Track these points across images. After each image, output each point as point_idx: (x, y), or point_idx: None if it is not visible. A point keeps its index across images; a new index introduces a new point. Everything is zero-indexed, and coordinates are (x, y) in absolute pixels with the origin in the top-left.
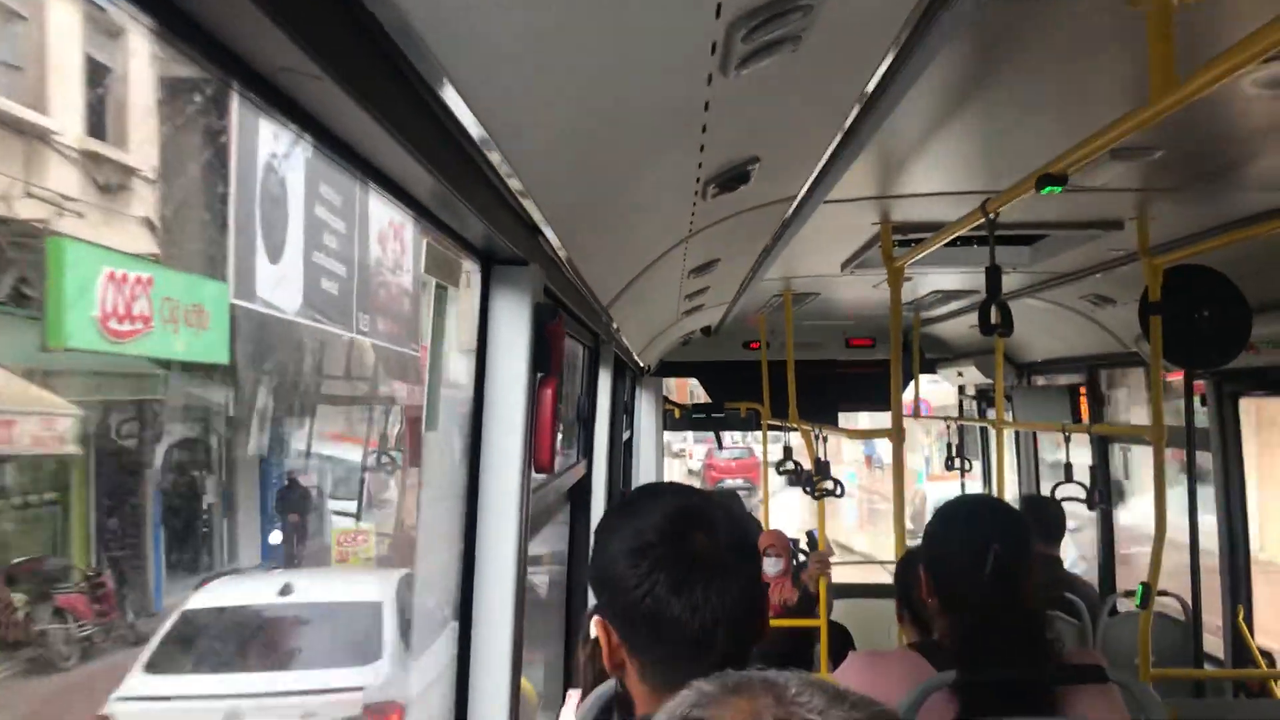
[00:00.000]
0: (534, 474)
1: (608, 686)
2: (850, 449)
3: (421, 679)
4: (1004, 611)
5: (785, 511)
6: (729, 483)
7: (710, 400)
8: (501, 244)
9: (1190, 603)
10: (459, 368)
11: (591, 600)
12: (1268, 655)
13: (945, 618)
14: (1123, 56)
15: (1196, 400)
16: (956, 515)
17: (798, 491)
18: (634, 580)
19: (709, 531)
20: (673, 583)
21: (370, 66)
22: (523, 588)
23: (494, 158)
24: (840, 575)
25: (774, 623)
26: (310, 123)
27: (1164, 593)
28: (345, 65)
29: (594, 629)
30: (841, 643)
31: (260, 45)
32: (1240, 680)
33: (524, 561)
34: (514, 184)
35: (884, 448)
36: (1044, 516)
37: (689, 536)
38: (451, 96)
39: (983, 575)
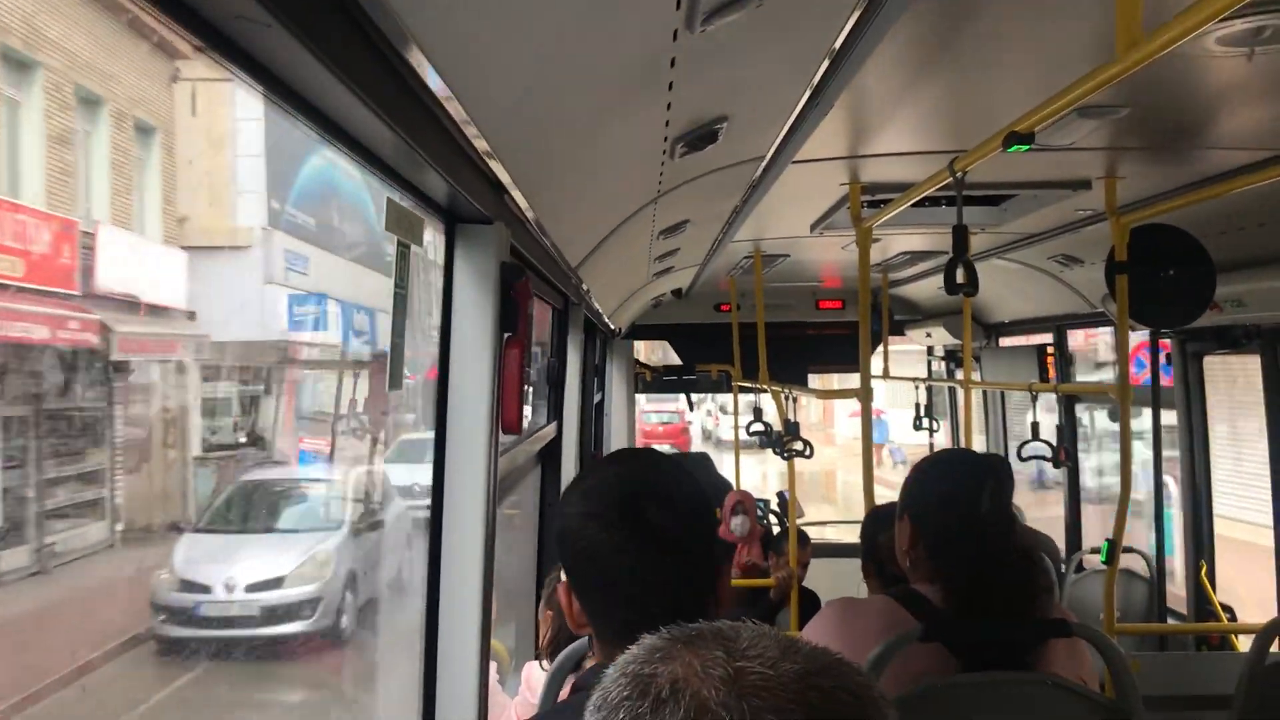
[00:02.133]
0: (502, 435)
1: (582, 644)
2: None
3: None
4: (1000, 557)
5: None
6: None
7: (681, 362)
8: (465, 202)
9: (1154, 558)
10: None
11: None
12: (1229, 609)
13: (930, 566)
14: (1090, 14)
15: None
16: (942, 462)
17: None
18: (588, 548)
19: (663, 502)
20: (625, 552)
21: (328, 18)
22: (491, 549)
23: (457, 114)
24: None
25: (740, 583)
26: (264, 74)
27: (1129, 549)
28: (301, 15)
29: (560, 592)
30: (810, 608)
31: None
32: (1202, 634)
33: (493, 522)
34: (478, 142)
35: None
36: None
37: (641, 506)
38: (412, 51)
39: (976, 520)
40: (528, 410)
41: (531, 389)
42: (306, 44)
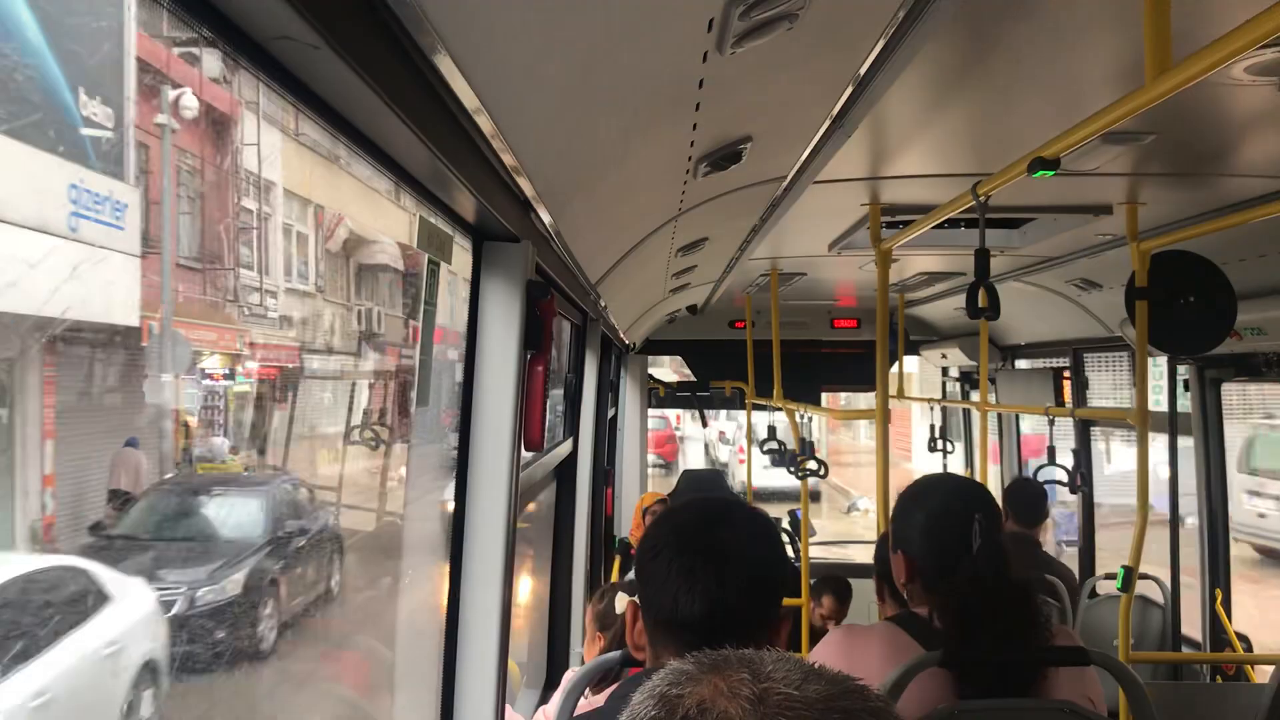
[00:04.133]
0: (523, 451)
1: (613, 656)
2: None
3: None
4: (996, 585)
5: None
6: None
7: (695, 378)
8: (494, 220)
9: (1170, 586)
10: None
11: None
12: (1244, 639)
13: (929, 597)
14: (1117, 40)
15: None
16: (929, 493)
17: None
18: (655, 584)
19: (731, 556)
20: (687, 596)
21: (367, 37)
22: (511, 565)
23: (489, 132)
24: (821, 554)
25: None
26: (305, 92)
27: (1144, 576)
28: (343, 35)
29: (619, 603)
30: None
31: (257, 12)
32: (1217, 663)
33: (512, 540)
34: (508, 159)
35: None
36: (1025, 498)
37: (709, 558)
38: (448, 69)
39: (970, 549)
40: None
41: (550, 404)
42: (348, 60)
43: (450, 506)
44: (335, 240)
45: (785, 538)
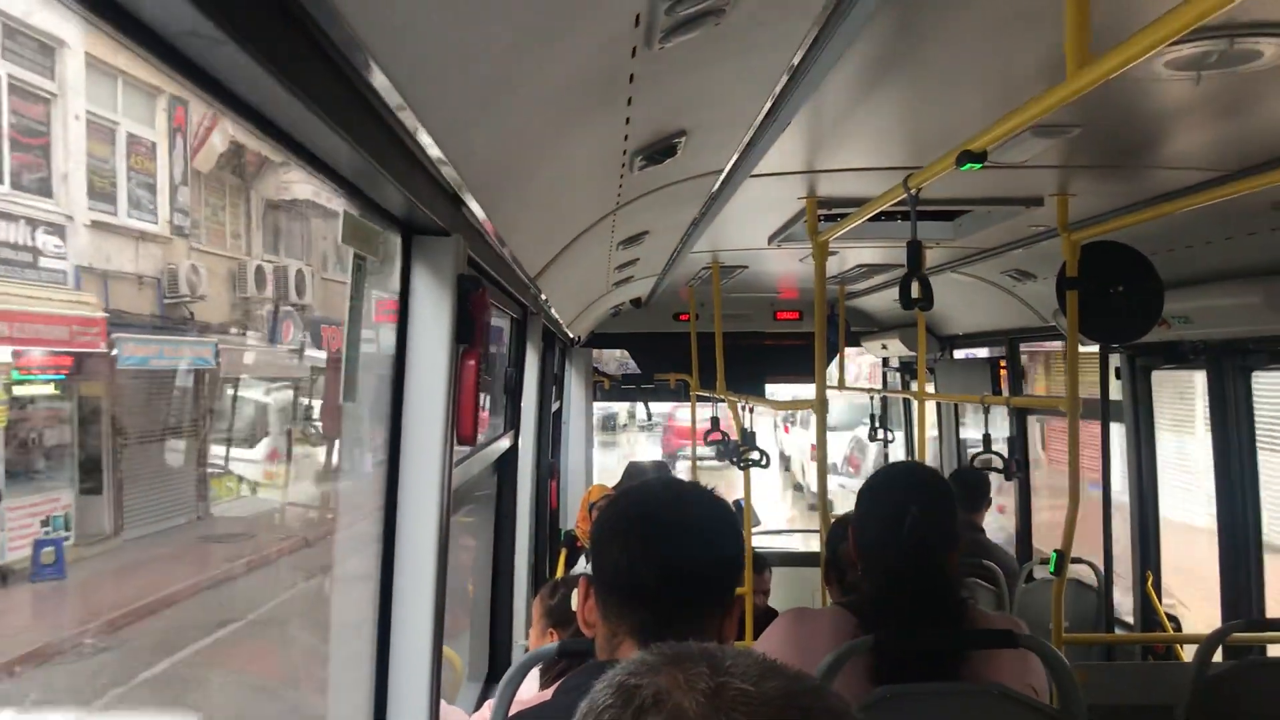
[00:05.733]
0: (457, 446)
1: (550, 647)
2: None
3: None
4: (916, 574)
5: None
6: None
7: (640, 371)
8: (422, 214)
9: (1102, 569)
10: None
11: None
12: (1174, 619)
13: (863, 574)
14: (1043, 34)
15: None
16: (883, 480)
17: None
18: (605, 561)
19: (680, 531)
20: (635, 572)
21: (279, 31)
22: (444, 561)
23: (412, 126)
24: (765, 543)
25: None
26: (217, 88)
27: (1078, 560)
28: (251, 30)
29: (580, 585)
30: (766, 621)
31: (162, 8)
32: (1148, 643)
33: (446, 534)
34: (434, 153)
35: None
36: (969, 484)
37: (658, 533)
38: (366, 62)
39: (899, 538)
40: (485, 416)
41: (489, 398)
42: (257, 58)
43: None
44: (209, 156)
45: None
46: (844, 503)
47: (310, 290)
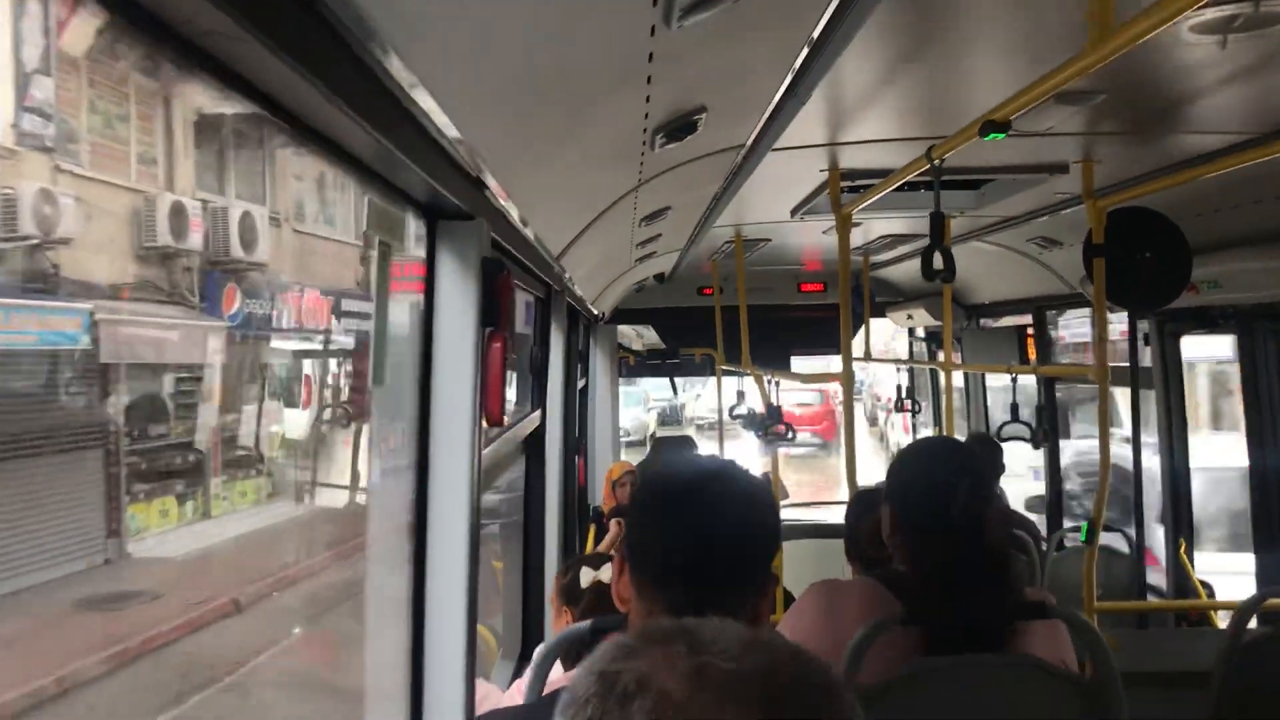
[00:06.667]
0: (485, 426)
1: (582, 626)
2: None
3: None
4: (971, 549)
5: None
6: None
7: (665, 346)
8: (446, 199)
9: (1134, 537)
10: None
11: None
12: (1207, 586)
13: (906, 552)
14: (1066, 1)
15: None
16: (925, 454)
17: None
18: (640, 535)
19: (714, 505)
20: (670, 549)
21: (298, 25)
22: (476, 540)
23: (433, 112)
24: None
25: None
26: (241, 84)
27: (1109, 527)
28: (271, 26)
29: (584, 577)
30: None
31: (183, 10)
32: (1181, 611)
33: (477, 514)
34: (455, 138)
35: None
36: (987, 452)
37: (691, 507)
38: (384, 48)
39: (951, 512)
40: (511, 395)
41: (515, 377)
42: (272, 48)
43: None
44: (82, 35)
45: None
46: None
47: (268, 243)
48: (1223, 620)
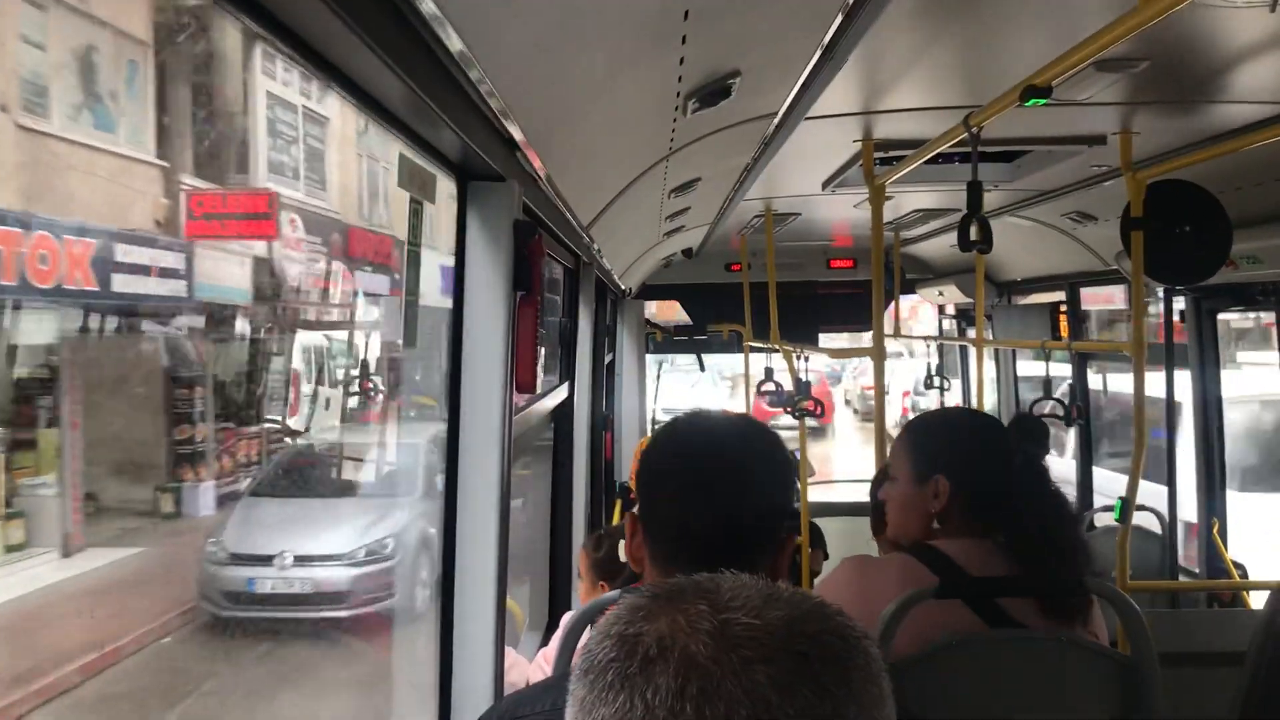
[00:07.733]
0: (516, 395)
1: (611, 596)
2: None
3: None
4: (1058, 515)
5: None
6: None
7: (692, 322)
8: (478, 160)
9: (1167, 516)
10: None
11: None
12: (1240, 566)
13: (975, 524)
14: None
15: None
16: (977, 425)
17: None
18: (654, 498)
19: (729, 468)
20: (684, 510)
21: None
22: (506, 508)
23: (471, 71)
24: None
25: None
26: (281, 30)
27: (1142, 507)
28: None
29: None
30: (814, 543)
31: None
32: (1214, 591)
33: (507, 481)
34: (491, 98)
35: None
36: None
37: (707, 469)
38: (428, 6)
39: (1024, 478)
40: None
41: (543, 349)
42: None
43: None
44: None
45: None
46: None
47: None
48: (1255, 600)
